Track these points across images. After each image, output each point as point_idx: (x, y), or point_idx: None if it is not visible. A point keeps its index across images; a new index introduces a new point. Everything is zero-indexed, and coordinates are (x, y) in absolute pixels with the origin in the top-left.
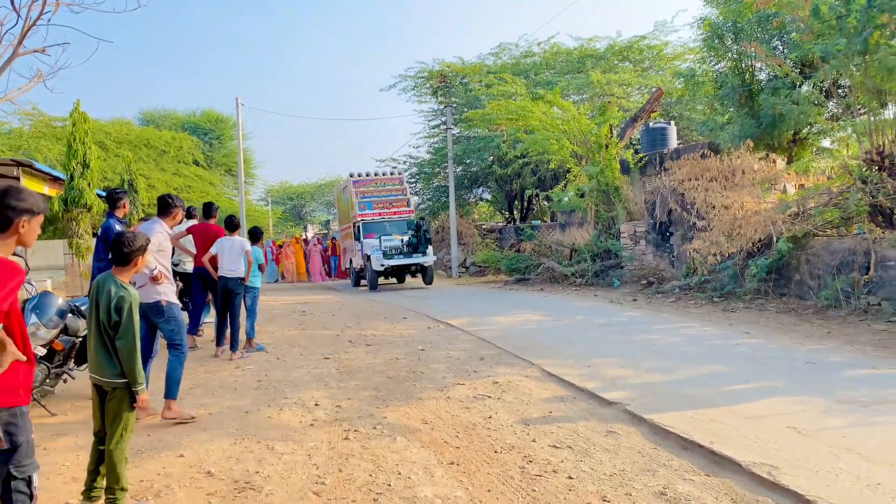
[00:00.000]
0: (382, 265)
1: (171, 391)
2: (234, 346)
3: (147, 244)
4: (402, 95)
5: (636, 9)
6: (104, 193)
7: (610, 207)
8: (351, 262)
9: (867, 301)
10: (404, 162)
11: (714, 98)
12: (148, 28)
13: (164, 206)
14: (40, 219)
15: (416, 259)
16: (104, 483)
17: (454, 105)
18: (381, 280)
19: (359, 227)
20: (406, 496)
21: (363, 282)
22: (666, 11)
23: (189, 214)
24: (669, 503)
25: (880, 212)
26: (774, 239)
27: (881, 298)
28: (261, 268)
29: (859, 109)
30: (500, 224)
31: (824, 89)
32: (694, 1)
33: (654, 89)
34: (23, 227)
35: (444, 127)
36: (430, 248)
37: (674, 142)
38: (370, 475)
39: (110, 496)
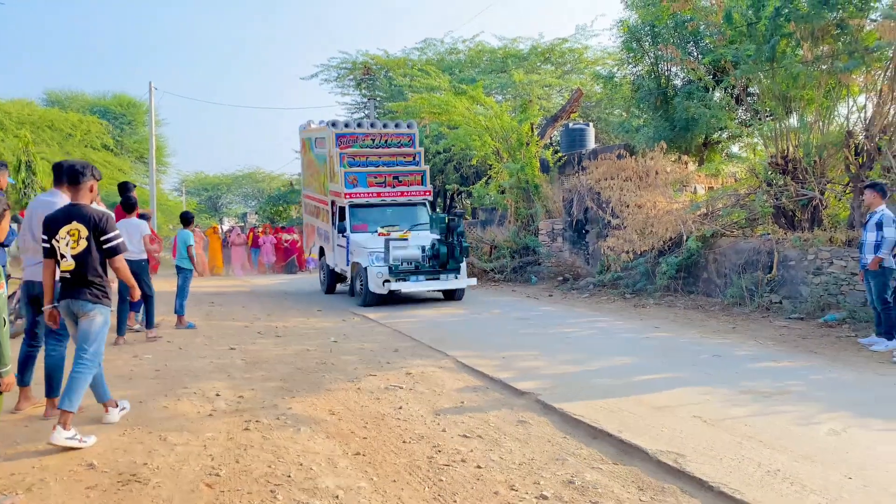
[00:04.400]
0: (388, 288)
1: (52, 389)
2: (149, 324)
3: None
4: (325, 86)
5: (558, 12)
6: None
7: (529, 205)
8: (322, 253)
9: (770, 299)
10: None
11: (631, 101)
12: (53, 6)
13: (58, 174)
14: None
15: (445, 283)
16: None
17: (378, 99)
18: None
19: (343, 210)
20: (306, 487)
21: (341, 286)
22: (586, 16)
23: None
24: (577, 491)
25: (783, 214)
26: (684, 238)
27: (782, 297)
28: (189, 250)
29: (766, 115)
30: None
31: (735, 95)
32: (613, 6)
33: (574, 90)
34: None
35: (368, 121)
36: (464, 262)
37: (592, 143)
38: (269, 466)
39: None
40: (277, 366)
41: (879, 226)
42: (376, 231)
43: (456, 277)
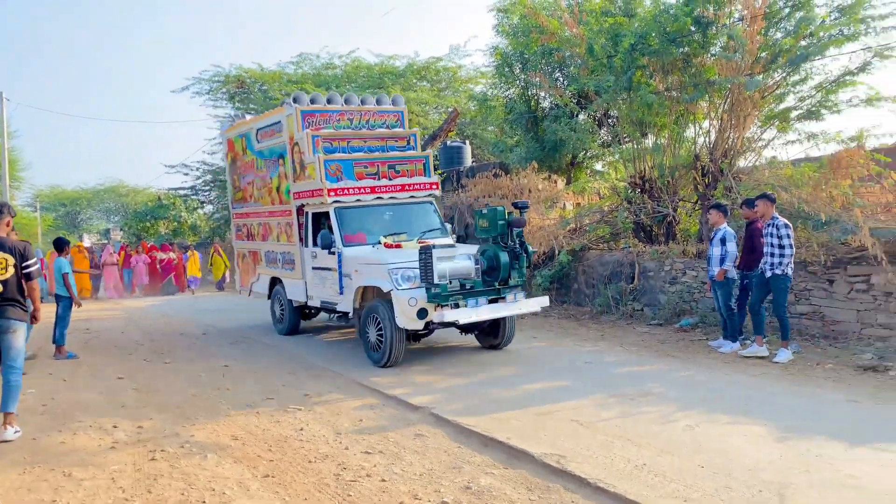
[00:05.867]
0: (430, 320)
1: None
2: None
3: None
4: (197, 99)
5: (432, 31)
6: None
7: None
8: (280, 286)
9: (633, 307)
10: (197, 168)
11: (504, 122)
12: None
13: None
14: None
15: (512, 306)
16: None
17: (253, 112)
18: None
19: (322, 217)
20: None
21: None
22: (459, 37)
23: None
24: (474, 495)
25: (642, 228)
26: (556, 252)
27: (643, 304)
28: (65, 278)
29: (625, 138)
30: None
31: (597, 119)
32: (484, 29)
33: (450, 109)
34: None
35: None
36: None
37: (469, 160)
38: (182, 494)
39: None
40: (171, 394)
41: (723, 241)
42: (379, 242)
43: (515, 293)
